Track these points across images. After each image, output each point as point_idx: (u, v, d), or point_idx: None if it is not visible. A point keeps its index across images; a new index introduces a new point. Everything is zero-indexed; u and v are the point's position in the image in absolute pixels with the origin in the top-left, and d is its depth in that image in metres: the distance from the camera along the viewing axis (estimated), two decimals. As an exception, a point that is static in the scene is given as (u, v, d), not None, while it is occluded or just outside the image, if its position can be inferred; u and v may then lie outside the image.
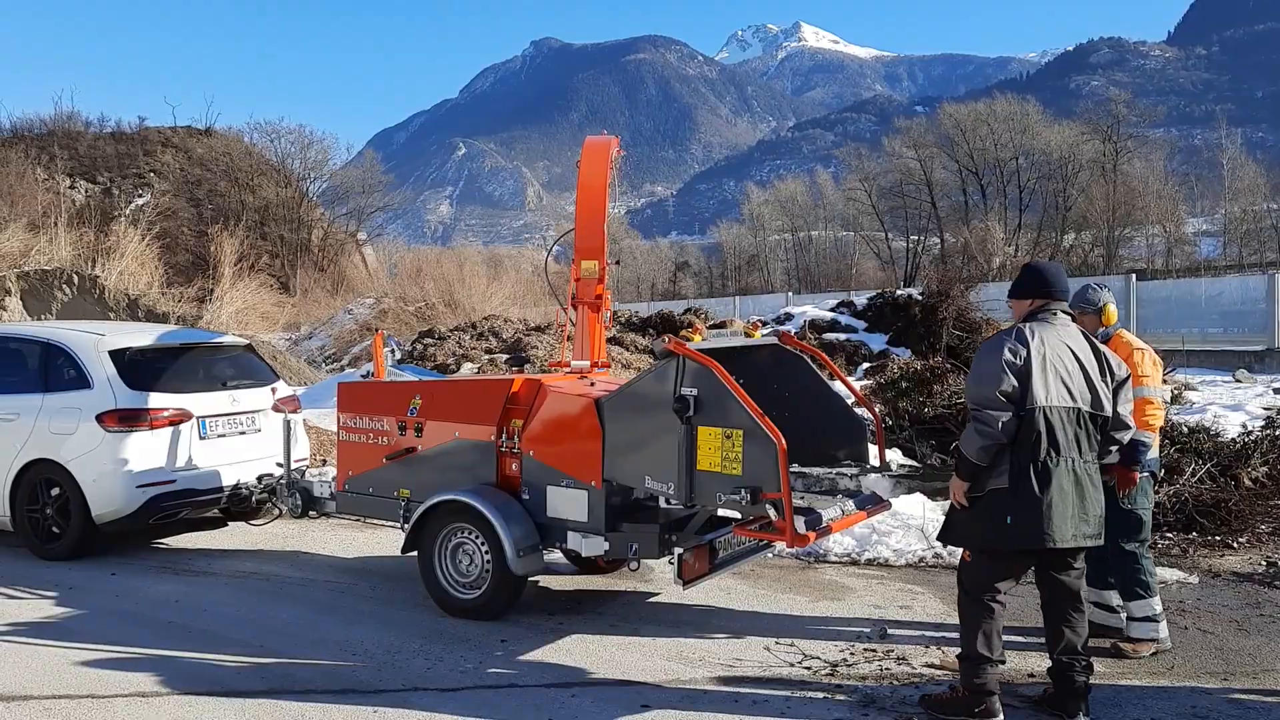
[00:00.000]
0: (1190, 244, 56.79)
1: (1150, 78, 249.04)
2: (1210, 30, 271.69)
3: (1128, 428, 4.45)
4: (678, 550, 5.18)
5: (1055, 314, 4.36)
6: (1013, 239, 54.34)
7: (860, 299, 21.64)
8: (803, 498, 5.43)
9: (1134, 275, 27.22)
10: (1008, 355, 4.16)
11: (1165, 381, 7.00)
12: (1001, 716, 4.22)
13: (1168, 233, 53.66)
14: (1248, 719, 4.34)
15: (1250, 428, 8.94)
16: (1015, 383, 4.13)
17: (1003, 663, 4.32)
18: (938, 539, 4.76)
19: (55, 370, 7.45)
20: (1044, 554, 4.26)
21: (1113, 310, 5.34)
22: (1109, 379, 4.33)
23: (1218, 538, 7.16)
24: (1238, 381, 17.10)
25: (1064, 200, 55.83)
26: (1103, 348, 4.46)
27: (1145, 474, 5.15)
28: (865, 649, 5.23)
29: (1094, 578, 5.39)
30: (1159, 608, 5.12)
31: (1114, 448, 4.49)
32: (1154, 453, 5.22)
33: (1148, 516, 5.20)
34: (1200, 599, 6.00)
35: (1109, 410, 4.30)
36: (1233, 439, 8.33)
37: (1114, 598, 5.34)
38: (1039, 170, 58.64)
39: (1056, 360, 4.21)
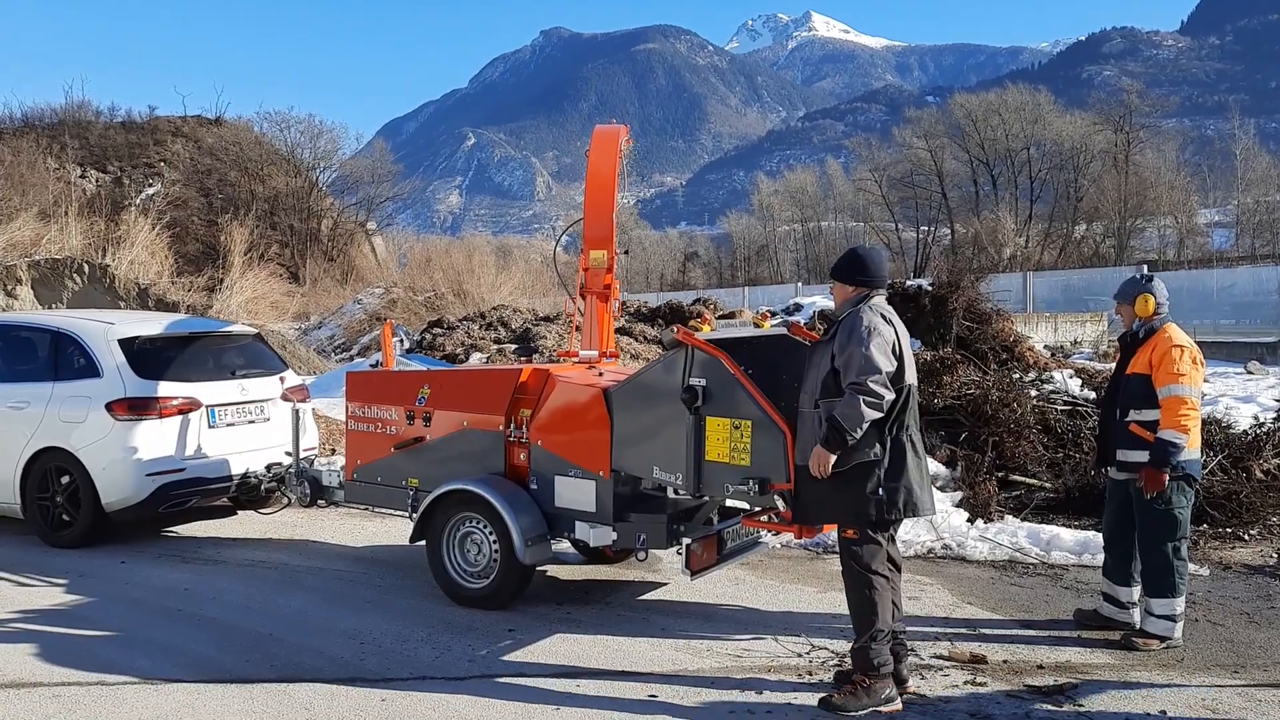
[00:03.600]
0: (1202, 235, 56.41)
1: (1163, 68, 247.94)
2: (1223, 20, 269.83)
3: None
4: (685, 541, 5.17)
5: (876, 299, 4.53)
6: (1024, 230, 54.11)
7: (870, 290, 21.49)
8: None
9: (1145, 266, 27.12)
10: (888, 334, 4.35)
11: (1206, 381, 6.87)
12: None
13: (1180, 224, 53.34)
14: (1259, 712, 4.31)
15: (1262, 419, 8.88)
16: (896, 361, 4.34)
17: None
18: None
19: (65, 359, 7.47)
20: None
21: (1151, 302, 5.14)
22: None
23: (1229, 530, 7.13)
24: (1249, 373, 17.00)
25: (1075, 191, 55.53)
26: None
27: (1180, 475, 4.99)
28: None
29: (1114, 571, 5.36)
30: (1181, 609, 5.06)
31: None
32: (1192, 455, 5.03)
33: (1184, 516, 5.06)
34: (1211, 591, 5.97)
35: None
36: (1244, 430, 8.28)
37: (1126, 594, 5.30)
38: (1050, 161, 58.29)
39: (899, 342, 4.42)
